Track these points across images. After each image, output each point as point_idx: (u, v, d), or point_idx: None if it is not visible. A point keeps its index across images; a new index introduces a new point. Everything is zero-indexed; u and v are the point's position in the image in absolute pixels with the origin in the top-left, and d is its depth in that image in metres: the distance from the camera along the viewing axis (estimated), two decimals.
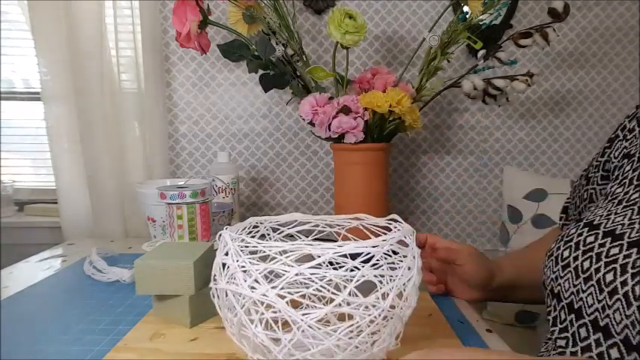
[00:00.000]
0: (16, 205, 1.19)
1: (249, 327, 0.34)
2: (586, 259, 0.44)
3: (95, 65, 0.97)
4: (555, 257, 0.49)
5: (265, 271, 0.34)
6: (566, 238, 0.47)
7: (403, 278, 0.36)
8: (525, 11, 1.10)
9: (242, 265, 0.34)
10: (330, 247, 0.33)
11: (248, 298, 0.34)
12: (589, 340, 0.42)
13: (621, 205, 0.46)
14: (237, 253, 0.35)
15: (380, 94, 0.81)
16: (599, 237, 0.44)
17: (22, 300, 0.63)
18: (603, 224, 0.45)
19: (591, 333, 0.42)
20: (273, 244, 0.34)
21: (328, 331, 0.33)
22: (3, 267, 0.78)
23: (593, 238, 0.45)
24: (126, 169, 1.05)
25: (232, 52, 0.92)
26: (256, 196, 1.17)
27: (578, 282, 0.44)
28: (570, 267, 0.45)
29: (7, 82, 1.15)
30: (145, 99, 1.03)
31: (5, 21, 1.09)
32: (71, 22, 0.95)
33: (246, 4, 0.87)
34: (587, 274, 0.43)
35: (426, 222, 1.19)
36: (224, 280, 0.36)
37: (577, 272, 0.44)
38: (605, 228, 0.45)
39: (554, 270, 0.48)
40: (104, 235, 1.02)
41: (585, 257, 0.44)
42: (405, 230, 0.39)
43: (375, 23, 1.10)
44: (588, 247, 0.44)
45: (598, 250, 0.43)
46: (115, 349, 0.47)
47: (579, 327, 0.44)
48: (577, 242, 0.46)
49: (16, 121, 1.16)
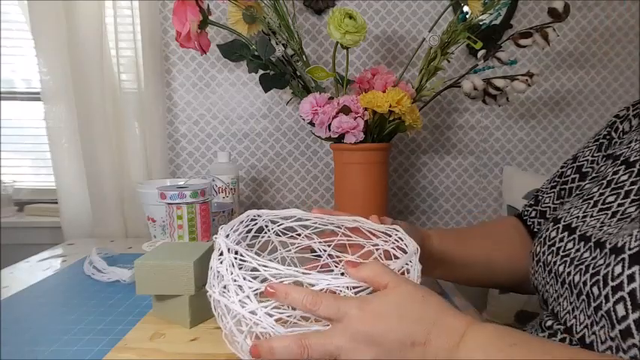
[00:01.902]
0: (16, 205, 1.19)
1: (239, 337, 0.35)
2: (550, 254, 0.48)
3: (95, 65, 0.97)
4: (532, 254, 0.51)
5: (258, 291, 0.35)
6: (549, 242, 0.49)
7: None
8: (525, 11, 1.10)
9: (235, 280, 0.35)
10: (325, 277, 0.34)
11: (238, 312, 0.35)
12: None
13: (596, 207, 0.47)
14: (231, 265, 0.36)
15: (380, 94, 0.81)
16: (559, 231, 0.48)
17: (22, 300, 0.63)
18: (579, 227, 0.47)
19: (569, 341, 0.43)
20: (269, 264, 0.35)
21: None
22: (3, 267, 0.78)
23: (555, 233, 0.48)
24: (126, 169, 1.05)
25: (232, 52, 0.92)
26: (256, 196, 1.17)
27: (545, 274, 0.48)
28: (540, 262, 0.49)
29: (7, 82, 1.15)
30: (145, 99, 1.03)
31: (5, 21, 1.09)
32: (71, 22, 0.95)
33: (246, 4, 0.87)
34: (549, 267, 0.47)
35: (426, 222, 1.19)
36: (217, 289, 0.36)
37: (544, 266, 0.48)
38: (580, 231, 0.46)
39: (532, 266, 0.51)
40: (104, 235, 1.02)
41: (549, 251, 0.48)
42: (408, 255, 0.39)
43: (375, 23, 1.10)
44: (552, 241, 0.48)
45: (558, 244, 0.47)
46: (115, 349, 0.47)
47: (562, 333, 0.44)
48: (544, 238, 0.49)
49: (16, 121, 1.16)
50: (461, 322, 0.36)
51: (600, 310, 0.38)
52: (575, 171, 0.59)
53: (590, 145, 0.59)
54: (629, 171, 0.46)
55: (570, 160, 0.62)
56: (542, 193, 0.64)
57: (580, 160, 0.59)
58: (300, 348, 0.33)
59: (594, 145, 0.58)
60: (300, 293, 0.35)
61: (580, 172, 0.58)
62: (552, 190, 0.62)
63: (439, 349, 0.34)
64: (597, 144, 0.58)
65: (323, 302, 0.34)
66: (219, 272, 0.37)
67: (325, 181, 1.16)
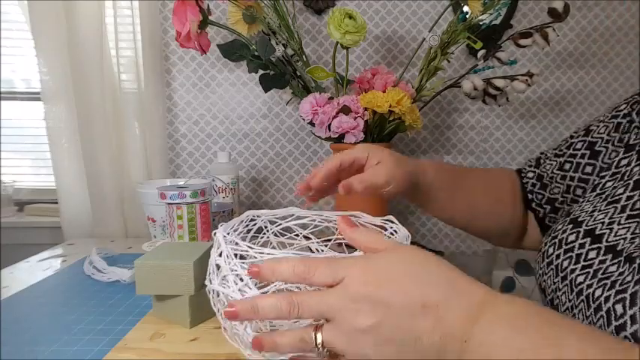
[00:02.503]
0: (16, 205, 1.19)
1: (239, 327, 0.35)
2: (566, 259, 0.44)
3: (95, 65, 0.97)
4: (542, 254, 0.49)
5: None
6: (565, 246, 0.46)
7: None
8: (525, 11, 1.10)
9: (233, 269, 0.35)
10: (320, 257, 0.34)
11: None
12: None
13: (624, 213, 0.44)
14: (229, 255, 0.36)
15: (380, 94, 0.81)
16: (579, 236, 0.44)
17: (22, 300, 0.63)
18: (585, 222, 0.45)
19: None
20: (266, 250, 0.35)
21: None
22: (3, 267, 0.78)
23: (575, 237, 0.44)
24: (126, 169, 1.05)
25: (232, 52, 0.92)
26: (256, 196, 1.17)
27: (557, 280, 0.45)
28: (552, 264, 0.46)
29: (7, 82, 1.15)
30: (145, 99, 1.03)
31: (5, 21, 1.09)
32: (71, 22, 0.95)
33: (246, 4, 0.87)
34: (564, 273, 0.44)
35: (426, 222, 1.19)
36: (217, 280, 0.36)
37: (557, 271, 0.45)
38: (587, 226, 0.44)
39: (540, 266, 0.49)
40: (104, 235, 1.02)
41: (566, 257, 0.44)
42: (399, 237, 0.39)
43: (375, 23, 1.10)
44: (569, 246, 0.44)
45: (578, 250, 0.43)
46: (115, 349, 0.47)
47: None
48: (560, 240, 0.46)
49: (16, 121, 1.16)
50: (479, 288, 0.31)
51: (624, 331, 0.33)
52: (586, 146, 0.54)
53: (607, 122, 0.53)
54: None
55: (582, 131, 0.56)
56: (544, 157, 0.61)
57: (594, 135, 0.54)
58: (290, 305, 0.30)
59: (611, 122, 0.53)
60: (289, 263, 0.31)
61: (592, 149, 0.53)
62: (556, 159, 0.58)
63: (455, 315, 0.29)
64: (614, 123, 0.52)
65: (318, 267, 0.31)
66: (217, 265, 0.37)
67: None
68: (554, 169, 0.58)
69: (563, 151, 0.57)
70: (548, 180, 0.58)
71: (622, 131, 0.51)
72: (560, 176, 0.56)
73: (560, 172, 0.56)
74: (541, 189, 0.60)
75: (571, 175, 0.55)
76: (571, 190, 0.55)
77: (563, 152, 0.57)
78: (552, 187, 0.58)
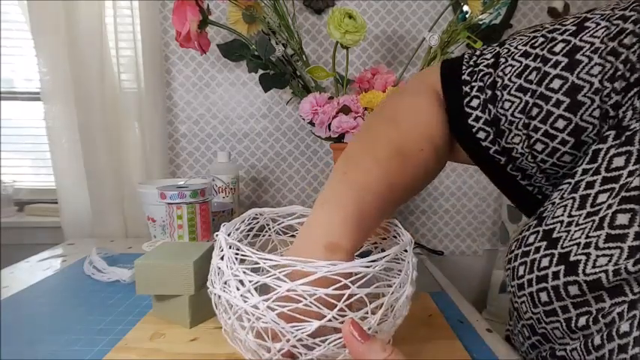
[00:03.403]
0: (16, 205, 1.19)
1: (241, 333, 0.35)
2: (542, 291, 0.38)
3: (95, 65, 0.97)
4: (512, 269, 0.41)
5: (258, 284, 0.34)
6: (523, 245, 0.40)
7: (395, 294, 0.36)
8: (525, 11, 1.10)
9: (236, 274, 0.35)
10: (323, 264, 0.33)
11: (240, 307, 0.34)
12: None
13: (585, 210, 0.36)
14: (232, 260, 0.36)
15: (380, 94, 0.81)
16: (553, 261, 0.37)
17: (22, 300, 0.63)
18: (560, 241, 0.37)
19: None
20: (268, 256, 0.34)
21: (317, 342, 0.33)
22: (3, 267, 0.78)
23: (548, 262, 0.37)
24: (126, 169, 1.05)
25: (232, 52, 0.92)
26: (256, 196, 1.17)
27: (537, 311, 0.39)
28: (525, 291, 0.39)
29: (7, 82, 1.15)
30: (144, 99, 1.03)
31: (5, 21, 1.09)
32: (71, 22, 0.95)
33: (245, 4, 0.87)
34: (547, 307, 0.38)
35: (426, 222, 1.19)
36: (219, 285, 0.36)
37: (533, 301, 0.39)
38: (562, 249, 0.36)
39: (511, 284, 0.42)
40: (104, 235, 1.03)
41: (540, 286, 0.38)
42: (402, 244, 0.39)
43: (375, 23, 1.10)
44: (542, 273, 0.37)
45: (553, 282, 0.36)
46: (115, 349, 0.47)
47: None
48: (532, 261, 0.39)
49: (16, 121, 1.16)
50: None
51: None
52: (567, 89, 0.38)
53: (604, 56, 0.37)
54: None
55: (562, 56, 0.39)
56: (502, 87, 0.42)
57: (580, 75, 0.38)
58: None
59: (610, 62, 0.36)
60: None
61: (573, 97, 0.38)
62: (519, 96, 0.41)
63: None
64: (612, 68, 0.36)
65: None
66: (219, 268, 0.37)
67: (325, 181, 1.16)
68: (515, 112, 0.42)
69: (533, 87, 0.40)
70: (506, 126, 0.43)
71: (619, 90, 0.36)
72: (523, 123, 0.41)
73: (523, 116, 0.41)
74: (497, 135, 0.44)
75: (535, 125, 0.40)
76: (532, 144, 0.42)
77: (532, 89, 0.40)
78: (512, 136, 0.43)
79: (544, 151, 0.41)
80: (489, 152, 0.46)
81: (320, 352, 0.34)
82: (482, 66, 0.45)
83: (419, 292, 0.64)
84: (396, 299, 0.36)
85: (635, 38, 0.35)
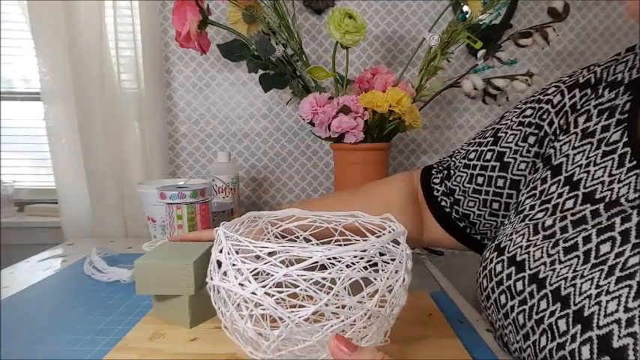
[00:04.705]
0: (16, 205, 1.19)
1: (240, 322, 0.35)
2: (501, 293, 0.43)
3: (95, 65, 0.97)
4: (479, 285, 0.48)
5: (256, 270, 0.35)
6: (495, 278, 0.44)
7: (390, 280, 0.37)
8: (525, 11, 1.10)
9: (234, 263, 0.35)
10: (319, 249, 0.34)
11: (238, 295, 0.35)
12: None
13: (524, 222, 0.44)
14: (229, 251, 0.36)
15: (380, 94, 0.81)
16: (505, 265, 0.43)
17: (23, 300, 0.63)
18: (507, 248, 0.44)
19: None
20: (265, 244, 0.35)
21: (316, 328, 0.34)
22: (3, 267, 0.78)
23: (501, 267, 0.43)
24: (126, 169, 1.05)
25: (232, 52, 0.92)
26: (256, 196, 1.17)
27: (500, 317, 0.44)
28: (491, 299, 0.45)
29: (7, 82, 1.15)
30: (145, 99, 1.03)
31: (5, 21, 1.09)
32: (71, 22, 0.95)
33: (245, 4, 0.87)
34: (504, 310, 0.42)
35: None
36: (218, 276, 0.37)
37: (497, 307, 0.44)
38: (508, 252, 0.43)
39: (481, 299, 0.48)
40: (104, 235, 1.03)
41: (499, 290, 0.43)
42: (396, 232, 0.39)
43: (375, 23, 1.10)
44: (499, 277, 0.43)
45: (507, 282, 0.42)
46: (115, 349, 0.47)
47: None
48: (490, 270, 0.45)
49: (16, 121, 1.16)
50: None
51: None
52: (495, 157, 0.52)
53: (515, 129, 0.51)
54: (574, 195, 0.41)
55: (490, 137, 0.54)
56: (454, 167, 0.58)
57: (502, 145, 0.51)
58: None
59: (518, 130, 0.50)
60: None
61: (501, 160, 0.51)
62: (465, 171, 0.55)
63: None
64: (522, 132, 0.50)
65: None
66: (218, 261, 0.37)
67: (325, 181, 1.16)
68: (464, 183, 0.56)
69: (473, 162, 0.55)
70: (460, 194, 0.56)
71: (533, 144, 0.49)
72: (473, 189, 0.55)
73: (470, 184, 0.55)
74: (455, 204, 0.58)
75: (485, 190, 0.53)
76: (488, 205, 0.54)
77: (473, 164, 0.55)
78: (466, 202, 0.56)
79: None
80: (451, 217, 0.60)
81: (318, 338, 0.34)
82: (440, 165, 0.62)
83: (419, 291, 0.64)
84: (391, 286, 0.37)
85: (535, 108, 0.50)
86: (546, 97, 0.50)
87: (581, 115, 0.45)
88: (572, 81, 0.49)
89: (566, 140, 0.46)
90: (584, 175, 0.41)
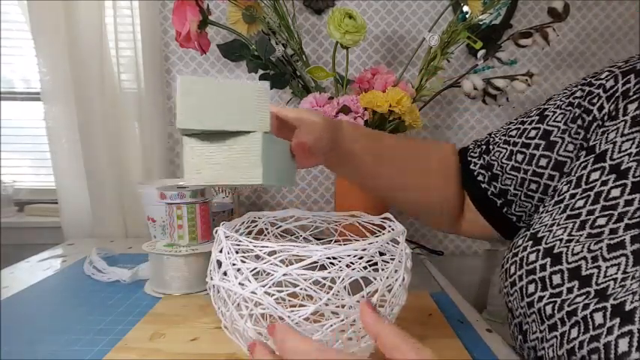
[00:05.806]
0: (16, 205, 1.19)
1: (240, 322, 0.35)
2: (530, 283, 0.41)
3: (95, 65, 0.97)
4: (504, 271, 0.46)
5: (255, 270, 0.35)
6: (526, 267, 0.43)
7: (390, 279, 0.37)
8: (525, 11, 1.10)
9: (233, 263, 0.35)
10: (318, 249, 0.34)
11: (238, 295, 0.35)
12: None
13: (565, 213, 0.42)
14: (229, 250, 0.36)
15: (380, 94, 0.81)
16: (539, 255, 0.42)
17: (22, 300, 0.63)
18: (545, 238, 0.42)
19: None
20: (264, 243, 0.35)
21: (316, 327, 0.34)
22: (3, 267, 0.78)
23: (535, 257, 0.42)
24: (126, 169, 1.05)
25: (232, 52, 0.92)
26: (256, 196, 1.17)
27: (523, 305, 0.43)
28: (516, 286, 0.43)
29: (7, 82, 1.15)
30: (144, 99, 1.03)
31: (5, 21, 1.09)
32: (71, 22, 0.95)
33: (245, 4, 0.87)
34: (530, 299, 0.41)
35: None
36: (218, 276, 0.37)
37: (522, 294, 0.43)
38: (545, 244, 0.42)
39: (504, 284, 0.46)
40: (104, 235, 1.03)
41: (529, 279, 0.42)
42: (395, 232, 0.40)
43: (375, 23, 1.10)
44: (530, 267, 0.42)
45: (540, 273, 0.41)
46: (115, 349, 0.47)
47: (528, 348, 0.43)
48: (521, 258, 0.44)
49: (16, 121, 1.16)
50: None
51: None
52: (541, 135, 0.50)
53: (564, 108, 0.49)
54: (622, 184, 0.40)
55: (535, 116, 0.52)
56: (494, 143, 0.55)
57: (549, 123, 0.50)
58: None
59: (568, 110, 0.49)
60: (305, 345, 0.27)
61: (547, 139, 0.49)
62: (505, 147, 0.53)
63: None
64: (572, 113, 0.48)
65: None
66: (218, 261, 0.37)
67: (325, 181, 1.16)
68: (502, 158, 0.53)
69: (515, 139, 0.53)
70: (498, 169, 0.54)
71: (580, 124, 0.47)
72: (511, 167, 0.52)
73: (510, 160, 0.52)
74: (492, 179, 0.55)
75: (524, 168, 0.51)
76: (525, 185, 0.51)
77: (515, 141, 0.53)
78: (504, 179, 0.53)
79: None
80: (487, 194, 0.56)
81: (317, 337, 0.34)
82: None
83: (419, 291, 0.64)
84: (390, 285, 0.37)
85: (585, 90, 0.48)
86: (598, 82, 0.47)
87: (632, 103, 0.43)
88: (629, 66, 0.46)
89: (613, 127, 0.44)
90: (633, 163, 0.40)
